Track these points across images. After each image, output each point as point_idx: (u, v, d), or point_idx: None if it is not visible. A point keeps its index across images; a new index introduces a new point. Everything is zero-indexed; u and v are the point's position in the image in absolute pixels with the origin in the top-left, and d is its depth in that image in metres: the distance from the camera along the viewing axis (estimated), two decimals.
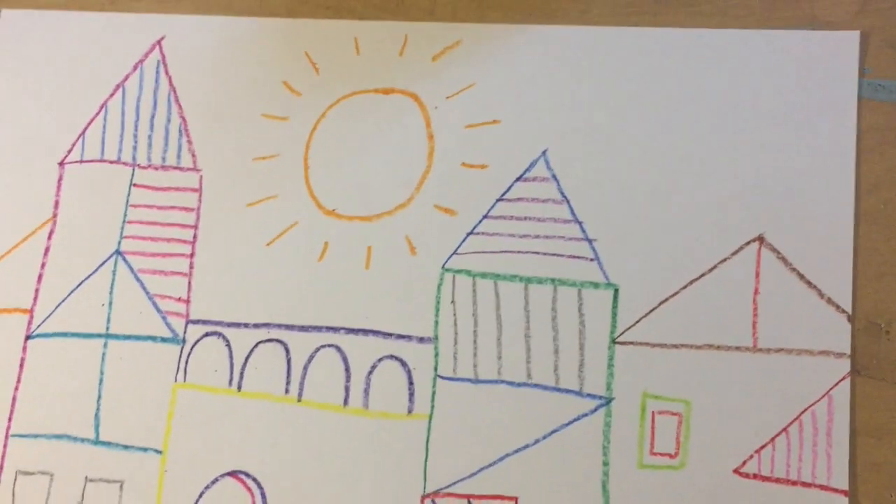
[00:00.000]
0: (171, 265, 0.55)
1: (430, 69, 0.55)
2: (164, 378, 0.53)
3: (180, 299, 0.54)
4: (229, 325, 0.54)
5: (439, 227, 0.53)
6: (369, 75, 0.56)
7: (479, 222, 0.52)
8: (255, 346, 0.53)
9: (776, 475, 0.47)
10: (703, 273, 0.50)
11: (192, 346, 0.54)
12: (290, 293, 0.53)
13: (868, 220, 0.49)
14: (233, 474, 0.52)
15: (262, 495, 0.51)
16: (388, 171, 0.54)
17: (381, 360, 0.52)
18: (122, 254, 0.55)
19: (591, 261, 0.51)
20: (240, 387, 0.53)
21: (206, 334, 0.54)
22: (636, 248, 0.51)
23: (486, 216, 0.52)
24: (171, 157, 0.56)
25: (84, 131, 0.58)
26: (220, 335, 0.53)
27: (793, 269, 0.49)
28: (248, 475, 0.51)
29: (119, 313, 0.55)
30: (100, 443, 0.53)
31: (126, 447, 0.53)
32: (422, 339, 0.52)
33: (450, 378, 0.51)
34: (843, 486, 0.46)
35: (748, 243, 0.50)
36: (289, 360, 0.52)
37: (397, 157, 0.54)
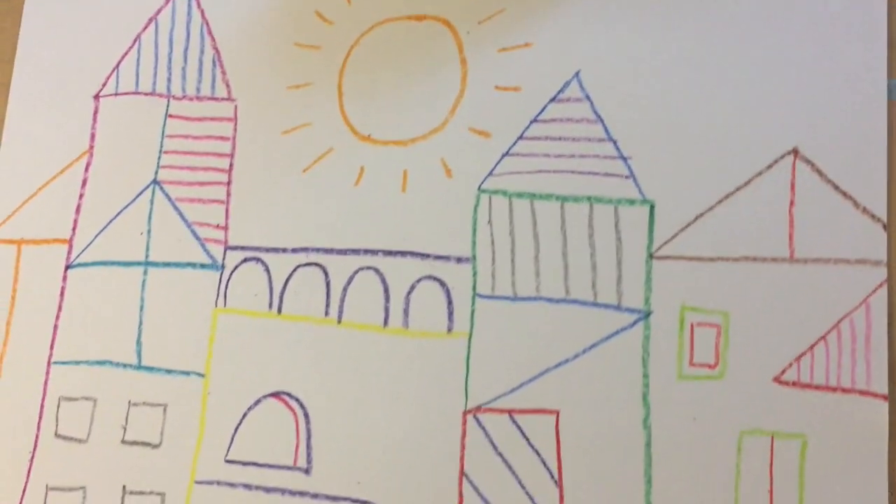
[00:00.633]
0: (208, 193, 0.55)
1: None
2: (205, 303, 0.54)
3: (218, 226, 0.55)
4: (268, 250, 0.54)
5: (474, 150, 0.53)
6: (401, 2, 0.56)
7: (514, 144, 0.53)
8: (294, 270, 0.53)
9: (815, 382, 0.48)
10: (738, 187, 0.50)
11: (232, 272, 0.54)
12: (328, 218, 0.54)
13: None
14: (275, 395, 0.52)
15: (305, 415, 0.52)
16: (422, 96, 0.54)
17: (419, 280, 0.52)
18: (160, 183, 0.56)
19: (627, 178, 0.51)
20: (280, 310, 0.53)
21: (245, 260, 0.54)
22: (671, 164, 0.51)
23: (520, 137, 0.53)
24: (205, 88, 0.57)
25: (118, 65, 0.58)
26: (258, 260, 0.54)
27: (828, 180, 0.49)
28: (290, 395, 0.52)
29: (158, 241, 0.55)
30: (142, 368, 0.54)
31: (168, 371, 0.54)
32: (460, 259, 0.52)
33: (488, 296, 0.51)
34: (882, 391, 0.47)
35: (783, 156, 0.50)
36: (328, 283, 0.53)
37: (430, 82, 0.55)
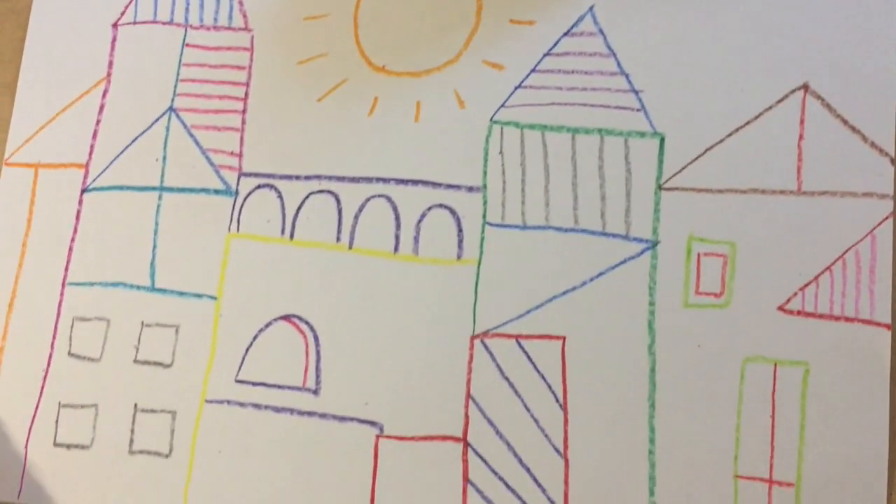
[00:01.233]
0: (223, 121, 0.56)
1: None
2: (218, 228, 0.55)
3: (233, 153, 0.56)
4: (281, 177, 0.55)
5: (487, 82, 0.54)
6: None
7: (527, 76, 0.53)
8: (307, 197, 0.54)
9: (820, 311, 0.48)
10: (748, 121, 0.51)
11: (245, 198, 0.55)
12: (341, 146, 0.54)
13: None
14: (286, 318, 0.53)
15: (315, 338, 0.52)
16: (437, 28, 0.55)
17: (430, 208, 0.53)
18: (176, 111, 0.57)
19: (638, 111, 0.52)
20: (292, 236, 0.54)
21: (259, 186, 0.55)
22: (682, 98, 0.51)
23: (533, 70, 0.53)
24: (222, 18, 0.57)
25: None
26: (272, 187, 0.55)
27: (837, 115, 0.50)
28: (300, 319, 0.53)
29: (173, 167, 0.56)
30: (155, 290, 0.55)
31: (181, 293, 0.54)
32: (470, 189, 0.53)
33: (498, 225, 0.52)
34: (885, 320, 0.47)
35: (793, 91, 0.50)
36: (340, 210, 0.54)
37: (445, 14, 0.55)
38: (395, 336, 0.52)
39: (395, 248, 0.53)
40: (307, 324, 0.53)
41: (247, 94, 0.56)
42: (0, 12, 0.61)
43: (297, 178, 0.55)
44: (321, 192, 0.54)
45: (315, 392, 0.52)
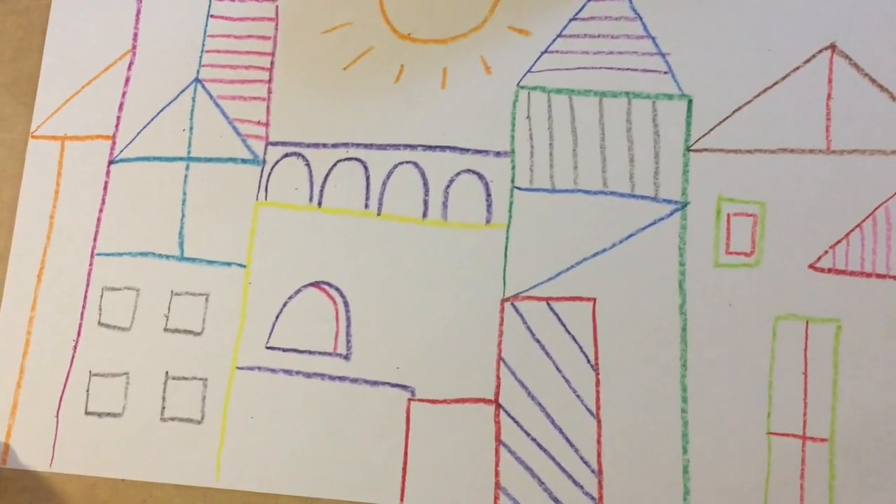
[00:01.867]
0: (249, 91, 0.56)
1: None
2: (246, 197, 0.55)
3: (259, 122, 0.56)
4: (308, 145, 0.55)
5: (514, 48, 0.54)
6: None
7: (553, 41, 0.54)
8: (334, 164, 0.54)
9: (850, 269, 0.48)
10: (775, 81, 0.51)
11: (273, 167, 0.55)
12: (367, 114, 0.55)
13: None
14: (316, 285, 0.53)
15: (345, 304, 0.52)
16: None
17: (458, 174, 0.53)
18: (202, 81, 0.57)
19: (665, 73, 0.52)
20: (320, 203, 0.54)
21: (286, 155, 0.55)
22: (709, 60, 0.52)
23: (559, 35, 0.54)
24: None
25: None
26: (299, 155, 0.55)
27: (865, 73, 0.50)
28: (330, 285, 0.53)
29: (200, 137, 0.56)
30: (185, 259, 0.55)
31: (210, 262, 0.55)
32: (498, 154, 0.53)
33: (527, 189, 0.52)
34: None
35: (820, 51, 0.51)
36: (367, 177, 0.54)
37: None
38: (426, 301, 0.52)
39: (424, 214, 0.53)
40: (337, 290, 0.53)
41: (272, 63, 0.56)
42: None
43: (325, 146, 0.55)
44: (349, 159, 0.54)
45: (346, 357, 0.52)
